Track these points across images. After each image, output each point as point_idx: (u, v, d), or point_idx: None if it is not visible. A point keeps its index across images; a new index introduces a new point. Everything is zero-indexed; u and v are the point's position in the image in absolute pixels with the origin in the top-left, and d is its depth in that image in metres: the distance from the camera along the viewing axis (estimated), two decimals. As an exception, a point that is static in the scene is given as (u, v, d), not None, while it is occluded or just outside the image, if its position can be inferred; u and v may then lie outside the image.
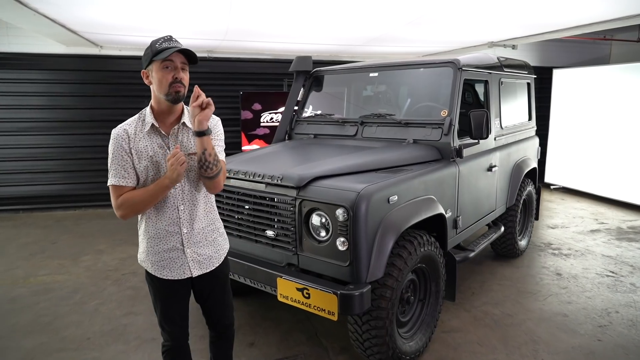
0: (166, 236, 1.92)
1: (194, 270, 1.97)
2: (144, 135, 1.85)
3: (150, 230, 1.92)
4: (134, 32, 5.41)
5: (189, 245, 1.94)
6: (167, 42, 1.78)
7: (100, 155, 6.91)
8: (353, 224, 2.36)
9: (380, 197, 2.47)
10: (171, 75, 1.79)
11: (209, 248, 2.01)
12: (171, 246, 1.92)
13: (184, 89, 1.84)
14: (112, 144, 1.83)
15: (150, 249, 1.94)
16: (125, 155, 1.82)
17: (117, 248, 5.12)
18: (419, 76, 3.70)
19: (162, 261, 1.93)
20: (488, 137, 3.34)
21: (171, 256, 1.93)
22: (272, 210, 2.72)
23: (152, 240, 1.93)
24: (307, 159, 3.11)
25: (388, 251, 2.45)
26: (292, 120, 4.20)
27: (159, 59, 1.75)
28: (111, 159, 1.83)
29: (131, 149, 1.83)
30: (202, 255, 1.98)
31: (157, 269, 1.95)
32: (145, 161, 1.84)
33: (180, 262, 1.94)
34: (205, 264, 2.00)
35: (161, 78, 1.78)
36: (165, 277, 1.94)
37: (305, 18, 4.75)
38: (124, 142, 1.83)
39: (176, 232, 1.92)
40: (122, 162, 1.82)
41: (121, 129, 1.85)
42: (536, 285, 4.06)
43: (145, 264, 1.98)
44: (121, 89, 6.87)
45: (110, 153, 1.83)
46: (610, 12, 4.90)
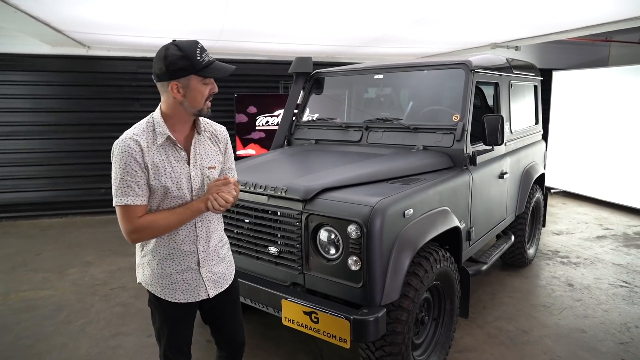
0: (180, 256, 1.74)
1: (210, 291, 1.82)
2: (157, 148, 1.65)
3: (162, 251, 1.73)
4: (124, 32, 5.15)
5: (204, 264, 1.79)
6: (206, 54, 1.63)
7: (88, 161, 6.63)
8: (367, 241, 2.14)
9: (396, 211, 2.25)
10: (208, 89, 1.67)
11: (221, 265, 1.87)
12: (185, 267, 1.76)
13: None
14: (120, 158, 1.58)
15: (160, 271, 1.74)
16: (140, 171, 1.59)
17: (106, 259, 4.85)
18: (428, 78, 3.50)
19: (174, 284, 1.75)
20: (503, 143, 3.15)
21: (185, 278, 1.76)
22: (275, 225, 2.49)
23: (164, 261, 1.74)
24: (311, 167, 2.89)
25: (404, 270, 2.24)
26: (291, 124, 3.98)
27: (207, 76, 1.63)
28: (121, 174, 1.58)
29: (146, 162, 1.61)
30: (217, 273, 1.84)
31: (169, 292, 1.76)
32: (163, 177, 1.64)
33: (195, 284, 1.78)
34: (220, 282, 1.86)
35: (198, 94, 1.64)
36: (178, 300, 1.77)
37: (303, 17, 4.53)
38: (137, 155, 1.59)
39: (192, 251, 1.76)
40: (135, 179, 1.59)
41: (131, 140, 1.60)
42: (548, 297, 3.88)
43: (153, 287, 1.77)
44: (110, 91, 6.60)
45: (118, 168, 1.58)
46: (616, 13, 4.76)
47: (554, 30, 5.35)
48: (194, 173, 1.72)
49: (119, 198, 1.59)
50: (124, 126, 6.36)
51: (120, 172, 1.58)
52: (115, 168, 1.60)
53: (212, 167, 1.77)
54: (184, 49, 1.59)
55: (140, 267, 1.81)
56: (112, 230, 6.00)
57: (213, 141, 1.82)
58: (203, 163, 1.74)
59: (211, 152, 1.79)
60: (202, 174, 1.74)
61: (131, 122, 1.72)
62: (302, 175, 2.61)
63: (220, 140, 1.85)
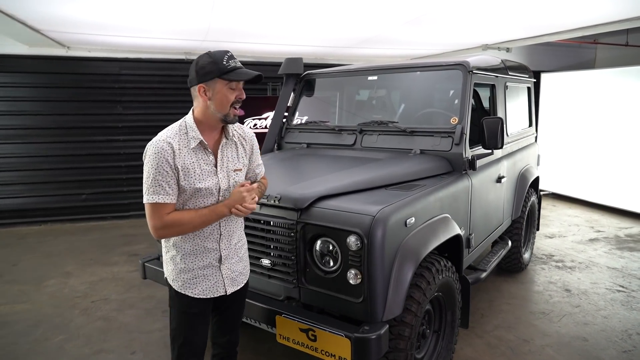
0: (203, 252, 1.85)
1: (228, 288, 1.91)
2: (189, 151, 1.75)
3: (186, 247, 1.83)
4: (105, 31, 4.94)
5: (225, 261, 1.89)
6: (234, 61, 1.73)
7: (68, 165, 6.38)
8: (368, 253, 2.00)
9: (398, 220, 2.12)
10: (235, 95, 1.75)
11: (239, 264, 1.97)
12: (207, 263, 1.86)
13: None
14: (153, 158, 1.69)
15: (183, 266, 1.85)
16: (170, 171, 1.70)
17: (87, 269, 4.62)
18: (424, 80, 3.38)
19: (195, 279, 1.85)
20: (503, 147, 3.04)
21: (205, 273, 1.86)
22: (268, 235, 2.34)
23: (187, 257, 1.84)
24: (305, 173, 2.74)
25: (407, 283, 2.10)
26: (282, 127, 3.83)
27: (230, 79, 1.72)
28: (153, 174, 1.69)
29: (177, 164, 1.72)
30: (235, 271, 1.94)
31: (189, 287, 1.85)
32: (192, 179, 1.75)
33: (214, 279, 1.88)
34: (237, 280, 1.96)
35: (224, 97, 1.74)
36: (197, 295, 1.85)
37: (292, 17, 4.39)
38: (169, 156, 1.70)
39: (214, 249, 1.86)
40: (166, 178, 1.70)
41: (164, 142, 1.71)
42: (547, 303, 3.79)
43: (175, 282, 1.87)
44: (91, 93, 6.35)
45: (150, 167, 1.70)
46: (607, 15, 4.73)
47: (546, 32, 5.31)
48: (221, 175, 1.83)
49: (150, 196, 1.69)
50: (106, 130, 6.11)
51: (152, 172, 1.69)
52: (147, 167, 1.70)
53: (238, 170, 1.89)
54: (213, 56, 1.73)
55: (165, 263, 1.93)
56: (93, 238, 5.76)
57: (240, 144, 1.93)
58: (229, 166, 1.86)
59: (237, 155, 1.90)
60: (229, 176, 1.85)
61: (113, 125, 1.68)
62: (295, 182, 2.46)
63: (247, 142, 1.96)
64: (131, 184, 6.65)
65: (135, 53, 6.34)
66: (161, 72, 6.61)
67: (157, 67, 6.58)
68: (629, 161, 6.65)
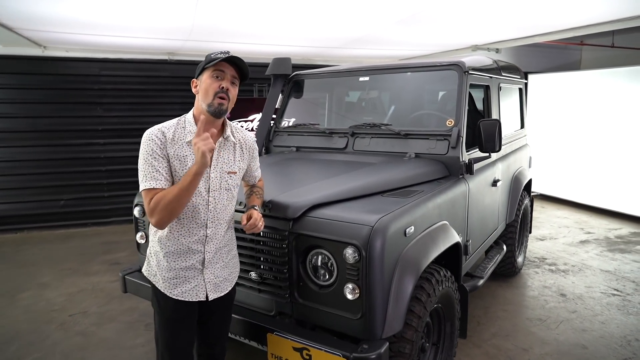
0: (187, 253, 1.81)
1: (210, 293, 1.86)
2: (184, 144, 1.76)
3: (171, 245, 1.80)
4: (83, 30, 4.71)
5: (208, 265, 1.85)
6: (224, 54, 1.76)
7: (45, 170, 6.12)
8: (367, 266, 1.86)
9: (397, 230, 1.99)
10: (218, 84, 1.75)
11: (225, 270, 1.92)
12: (190, 264, 1.81)
13: (228, 102, 1.78)
14: (144, 145, 1.72)
15: (164, 265, 1.81)
16: (162, 158, 1.72)
17: (65, 280, 4.40)
18: (418, 80, 3.27)
19: (175, 278, 1.81)
20: (500, 150, 2.94)
21: (187, 275, 1.82)
22: (257, 247, 2.19)
23: (170, 256, 1.81)
24: (296, 180, 2.60)
25: (408, 297, 1.97)
26: (269, 130, 3.68)
27: (211, 66, 1.75)
28: (144, 160, 1.71)
29: (168, 152, 1.73)
30: (219, 277, 1.89)
31: (170, 287, 1.82)
32: (183, 171, 1.73)
33: (195, 282, 1.83)
34: (221, 286, 1.90)
35: (208, 86, 1.75)
36: (176, 297, 1.81)
37: (279, 14, 4.23)
38: (160, 142, 1.73)
39: (199, 251, 1.82)
40: (160, 163, 1.71)
41: (157, 130, 1.75)
42: (543, 309, 3.71)
43: (156, 278, 1.85)
44: (69, 94, 6.10)
45: (142, 155, 1.72)
46: (597, 16, 4.71)
47: (536, 33, 5.26)
48: (214, 174, 1.80)
49: (144, 183, 1.69)
50: (85, 133, 5.81)
51: (145, 157, 1.70)
52: (141, 155, 1.72)
53: (232, 173, 1.86)
54: (208, 54, 1.79)
55: (147, 258, 1.90)
56: (72, 246, 5.52)
57: (239, 148, 1.92)
58: (224, 167, 1.83)
59: (234, 158, 1.88)
60: (221, 178, 1.82)
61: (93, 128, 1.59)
62: (286, 189, 2.31)
63: (247, 147, 1.96)
64: (112, 189, 6.41)
65: (115, 53, 6.11)
66: (143, 73, 6.39)
67: (139, 68, 6.36)
68: (617, 162, 6.66)
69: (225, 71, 1.77)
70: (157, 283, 1.84)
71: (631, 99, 6.45)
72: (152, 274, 1.88)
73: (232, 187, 1.87)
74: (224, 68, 1.76)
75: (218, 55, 1.74)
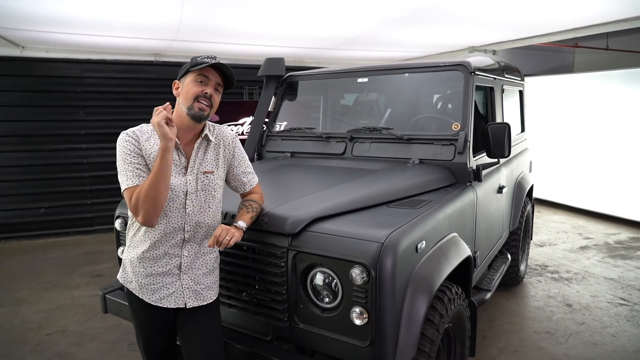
0: (163, 257, 1.72)
1: (188, 300, 1.75)
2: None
3: (147, 250, 1.71)
4: (64, 28, 4.46)
5: (187, 270, 1.75)
6: (210, 58, 1.70)
7: (25, 177, 5.83)
8: (377, 288, 1.66)
9: (409, 246, 1.79)
10: (202, 89, 1.69)
11: (208, 277, 1.81)
12: (167, 270, 1.73)
13: (210, 109, 1.71)
14: (120, 147, 1.67)
15: (140, 271, 1.73)
16: (138, 156, 1.66)
17: (43, 295, 4.12)
18: (420, 82, 3.09)
19: (152, 285, 1.74)
20: (509, 155, 2.77)
21: (164, 281, 1.74)
22: (252, 265, 1.97)
23: (146, 261, 1.72)
24: (293, 189, 2.39)
25: (421, 320, 1.77)
26: (262, 135, 3.47)
27: (196, 70, 1.68)
28: (122, 160, 1.65)
29: (143, 152, 1.67)
30: (200, 284, 1.78)
31: (146, 293, 1.74)
32: None
33: (173, 289, 1.74)
34: (202, 295, 1.78)
35: (189, 90, 1.69)
36: (154, 302, 1.74)
37: (270, 12, 4.04)
38: (134, 141, 1.67)
39: (175, 255, 1.73)
40: (134, 162, 1.65)
41: (130, 131, 1.71)
42: (550, 321, 3.54)
43: (132, 285, 1.78)
44: (50, 97, 5.82)
45: (119, 156, 1.66)
46: (598, 16, 4.61)
47: (534, 34, 5.14)
48: (190, 177, 1.73)
49: (124, 183, 1.63)
50: (67, 137, 5.48)
51: (122, 159, 1.64)
52: (118, 157, 1.66)
53: (209, 172, 1.77)
54: (193, 57, 1.72)
55: (123, 264, 1.83)
56: (53, 256, 5.23)
57: (218, 145, 1.82)
58: (200, 168, 1.76)
59: (210, 157, 1.79)
60: (197, 179, 1.74)
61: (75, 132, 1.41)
62: (283, 199, 2.10)
63: (224, 144, 1.85)
64: (95, 196, 6.13)
65: (98, 54, 5.84)
66: (128, 74, 6.13)
67: (124, 70, 6.10)
68: (614, 166, 6.57)
69: (210, 77, 1.71)
70: (134, 290, 1.78)
71: (627, 101, 6.37)
72: (127, 280, 1.81)
73: (211, 188, 1.77)
74: (208, 74, 1.70)
75: (205, 60, 1.68)
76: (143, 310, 1.80)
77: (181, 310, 1.79)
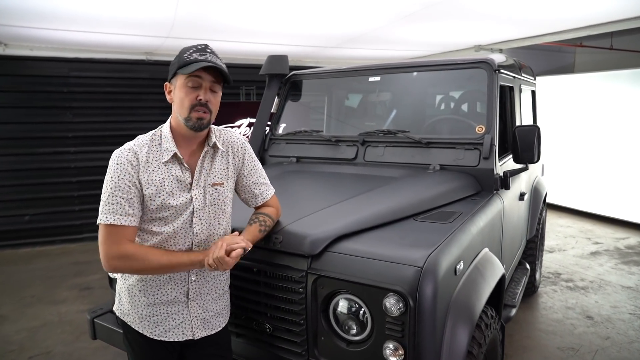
0: (168, 283, 1.51)
1: (197, 330, 1.55)
2: (160, 165, 1.47)
3: (149, 276, 1.50)
4: (50, 24, 4.16)
5: (195, 297, 1.54)
6: (199, 53, 1.45)
7: (8, 182, 5.52)
8: (416, 320, 1.42)
9: (448, 269, 1.55)
10: (195, 95, 1.45)
11: (218, 302, 1.60)
12: (172, 297, 1.52)
13: (210, 115, 1.48)
14: (113, 170, 1.43)
15: (141, 300, 1.51)
16: (132, 187, 1.43)
17: (27, 311, 3.82)
18: (438, 81, 2.87)
19: (155, 316, 1.51)
20: (539, 160, 2.55)
21: (169, 311, 1.52)
22: (264, 290, 1.72)
23: (148, 289, 1.51)
24: (306, 201, 2.14)
25: (463, 354, 1.53)
26: (264, 138, 3.22)
27: (185, 73, 1.43)
28: (111, 188, 1.42)
29: (140, 179, 1.44)
30: (209, 311, 1.58)
31: (148, 326, 1.52)
32: (159, 197, 1.45)
33: (179, 319, 1.53)
34: (211, 323, 1.58)
35: (183, 97, 1.45)
36: (157, 337, 1.52)
37: (268, 8, 3.79)
38: (132, 168, 1.43)
39: (182, 280, 1.52)
40: (127, 195, 1.41)
41: (129, 152, 1.45)
42: (572, 335, 3.33)
43: (130, 317, 1.55)
44: (35, 98, 5.50)
45: (109, 180, 1.43)
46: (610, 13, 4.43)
47: (542, 32, 4.96)
48: (197, 191, 1.51)
49: (105, 215, 1.41)
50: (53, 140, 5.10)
51: (110, 186, 1.42)
52: (106, 180, 1.44)
53: (218, 184, 1.56)
54: (182, 49, 1.49)
55: (118, 294, 1.61)
56: (38, 267, 4.92)
57: (227, 153, 1.60)
58: (207, 180, 1.54)
59: (219, 166, 1.58)
60: (205, 192, 1.53)
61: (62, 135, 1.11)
62: (298, 214, 1.85)
63: (233, 149, 1.62)
64: (84, 202, 5.82)
65: (87, 52, 5.54)
66: (118, 74, 5.83)
67: (114, 69, 5.80)
68: (619, 169, 6.41)
69: (203, 77, 1.45)
70: (133, 323, 1.54)
71: (633, 102, 6.22)
72: (124, 312, 1.57)
73: (221, 202, 1.56)
74: (200, 74, 1.45)
75: (192, 56, 1.43)
76: (143, 345, 1.56)
77: (188, 341, 1.57)
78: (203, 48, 1.48)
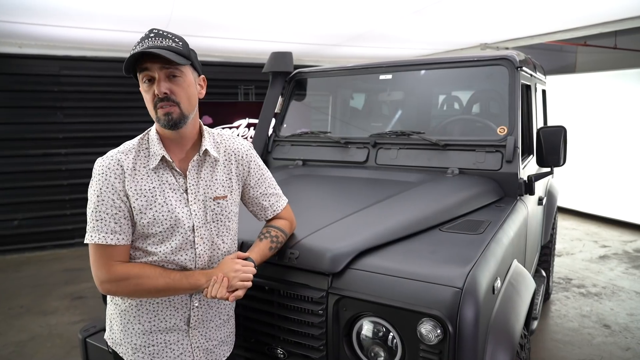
0: (167, 309, 1.35)
1: None
2: (149, 172, 1.31)
3: (144, 301, 1.34)
4: (40, 19, 3.97)
5: (197, 324, 1.38)
6: (142, 43, 1.25)
7: (-5, 186, 5.27)
8: (456, 347, 1.24)
9: (488, 288, 1.38)
10: (151, 91, 1.27)
11: (222, 329, 1.45)
12: (171, 325, 1.35)
13: (176, 107, 1.27)
14: (96, 182, 1.27)
15: (135, 328, 1.35)
16: (117, 200, 1.26)
17: (14, 323, 3.61)
18: (455, 79, 2.71)
19: (151, 346, 1.35)
20: (565, 164, 2.40)
21: (167, 340, 1.35)
22: (278, 312, 1.54)
23: (144, 314, 1.34)
24: (320, 210, 1.95)
25: (504, 385, 1.37)
26: (268, 140, 3.04)
27: (126, 73, 1.28)
28: (94, 204, 1.26)
29: (127, 190, 1.27)
30: (213, 339, 1.42)
31: (142, 358, 1.35)
32: (152, 211, 1.28)
33: (179, 350, 1.37)
34: (215, 353, 1.43)
35: (145, 96, 1.30)
36: None
37: (270, 5, 3.61)
38: (116, 178, 1.27)
39: (183, 305, 1.36)
40: (110, 210, 1.26)
41: (112, 160, 1.29)
42: (590, 346, 3.18)
43: (123, 348, 1.38)
44: (23, 98, 5.29)
45: (92, 194, 1.27)
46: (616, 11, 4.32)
47: (548, 31, 4.83)
48: (195, 206, 1.34)
49: (90, 234, 1.27)
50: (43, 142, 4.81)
51: (93, 201, 1.28)
52: (89, 194, 1.30)
53: (220, 198, 1.38)
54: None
55: (109, 320, 1.43)
56: (27, 275, 4.70)
57: (228, 161, 1.42)
58: (207, 192, 1.36)
59: (220, 177, 1.40)
60: (206, 208, 1.36)
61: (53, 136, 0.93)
62: (314, 226, 1.67)
63: (237, 158, 1.44)
64: (75, 205, 5.61)
65: (78, 50, 5.33)
66: (111, 73, 5.61)
67: (106, 68, 5.59)
68: (625, 170, 6.31)
69: (150, 67, 1.24)
70: (125, 354, 1.37)
71: (638, 102, 6.12)
72: (116, 342, 1.40)
73: (224, 217, 1.39)
74: (146, 64, 1.24)
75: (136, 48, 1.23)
76: None
77: None
78: (147, 35, 1.28)
